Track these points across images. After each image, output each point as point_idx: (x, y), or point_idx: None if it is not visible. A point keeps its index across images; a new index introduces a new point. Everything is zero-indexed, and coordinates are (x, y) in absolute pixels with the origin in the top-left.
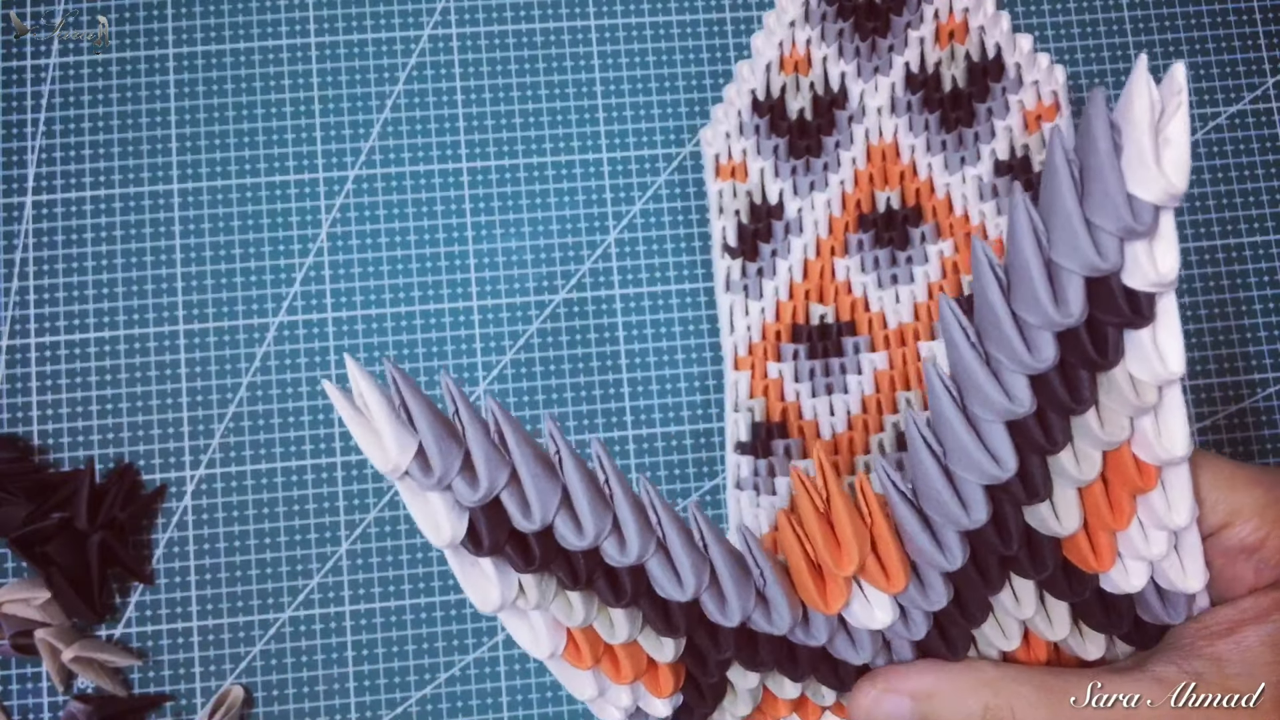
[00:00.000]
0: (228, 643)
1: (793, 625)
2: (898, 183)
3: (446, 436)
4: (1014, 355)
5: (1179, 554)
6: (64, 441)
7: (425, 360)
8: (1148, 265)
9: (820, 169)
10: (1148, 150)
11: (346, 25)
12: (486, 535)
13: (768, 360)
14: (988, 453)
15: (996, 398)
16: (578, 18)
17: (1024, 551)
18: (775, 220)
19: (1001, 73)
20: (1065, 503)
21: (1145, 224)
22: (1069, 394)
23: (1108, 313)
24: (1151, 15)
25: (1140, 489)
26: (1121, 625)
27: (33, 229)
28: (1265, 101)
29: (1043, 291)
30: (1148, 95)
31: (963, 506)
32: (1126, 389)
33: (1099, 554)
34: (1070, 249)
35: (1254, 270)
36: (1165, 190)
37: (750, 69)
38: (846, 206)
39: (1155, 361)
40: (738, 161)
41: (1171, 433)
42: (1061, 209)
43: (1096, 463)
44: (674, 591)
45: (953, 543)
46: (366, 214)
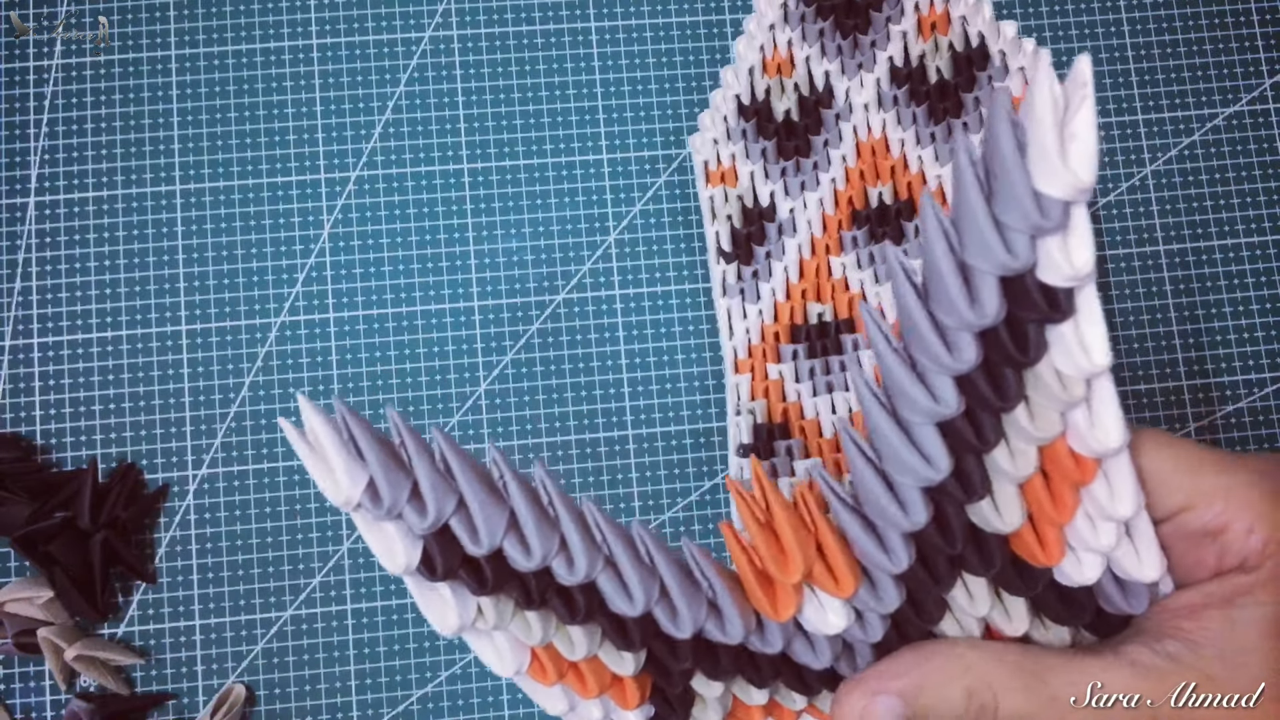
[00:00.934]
0: (230, 641)
1: (746, 634)
2: (889, 177)
3: (394, 468)
4: (935, 358)
5: (1133, 542)
6: (67, 441)
7: (426, 360)
8: (1062, 260)
9: (810, 169)
10: (1052, 146)
11: (348, 27)
12: (439, 561)
13: (767, 362)
14: (920, 455)
15: (922, 400)
16: (578, 20)
17: (970, 549)
18: (768, 222)
19: (986, 61)
20: (1006, 499)
21: (1054, 220)
22: (995, 392)
23: (1025, 310)
24: (1149, 17)
25: (1080, 482)
26: (1082, 617)
27: (35, 230)
28: (1262, 103)
29: (957, 293)
30: (1049, 91)
31: (902, 509)
32: (1053, 384)
33: (1046, 548)
34: (981, 249)
35: (1251, 271)
36: (1072, 185)
37: (734, 74)
38: (839, 204)
39: (1080, 355)
40: (727, 166)
41: (1105, 425)
42: (969, 210)
43: (1032, 458)
44: (625, 607)
45: (897, 545)
46: (368, 215)
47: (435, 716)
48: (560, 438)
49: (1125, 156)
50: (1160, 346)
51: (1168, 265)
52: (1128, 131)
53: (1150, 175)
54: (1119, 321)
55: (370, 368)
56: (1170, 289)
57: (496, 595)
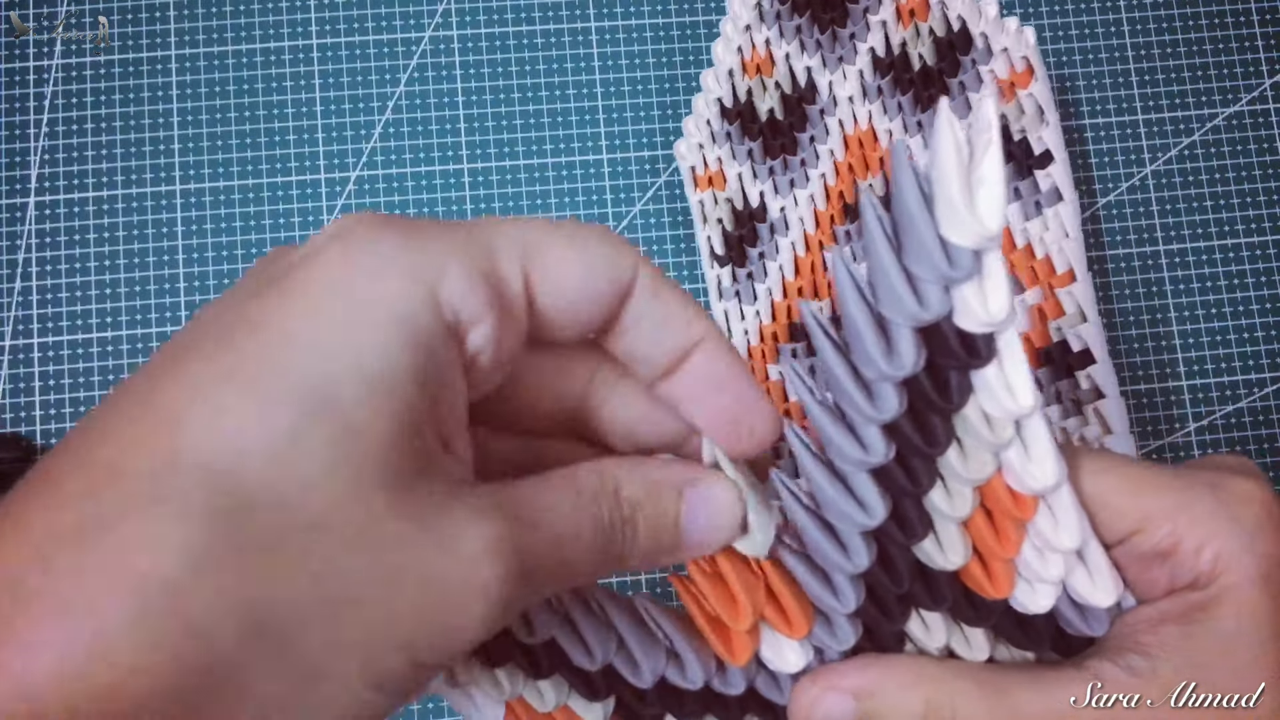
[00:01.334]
0: None
1: (707, 678)
2: (879, 168)
3: None
4: (859, 410)
5: (1086, 568)
6: None
7: None
8: (978, 307)
9: (798, 166)
10: (957, 195)
11: (348, 27)
12: None
13: (767, 363)
14: (855, 501)
15: (850, 450)
16: (578, 20)
17: (919, 586)
18: (759, 223)
19: (969, 44)
20: (949, 537)
21: (965, 269)
22: (923, 439)
23: (945, 357)
24: (1149, 17)
25: (1021, 518)
26: (1042, 643)
27: (35, 230)
28: (1262, 103)
29: (874, 346)
30: (951, 138)
31: (845, 553)
32: (981, 427)
33: (995, 581)
34: (893, 302)
35: (1251, 271)
36: (978, 233)
37: (714, 77)
38: (830, 199)
39: (1005, 397)
40: (714, 170)
41: (1039, 463)
42: (880, 263)
43: (969, 498)
44: (584, 662)
45: (845, 586)
46: None
47: (435, 716)
48: None
49: (1125, 156)
50: (1160, 346)
51: (1168, 265)
52: (1128, 131)
53: (1150, 175)
54: (1119, 321)
55: None
56: (1170, 289)
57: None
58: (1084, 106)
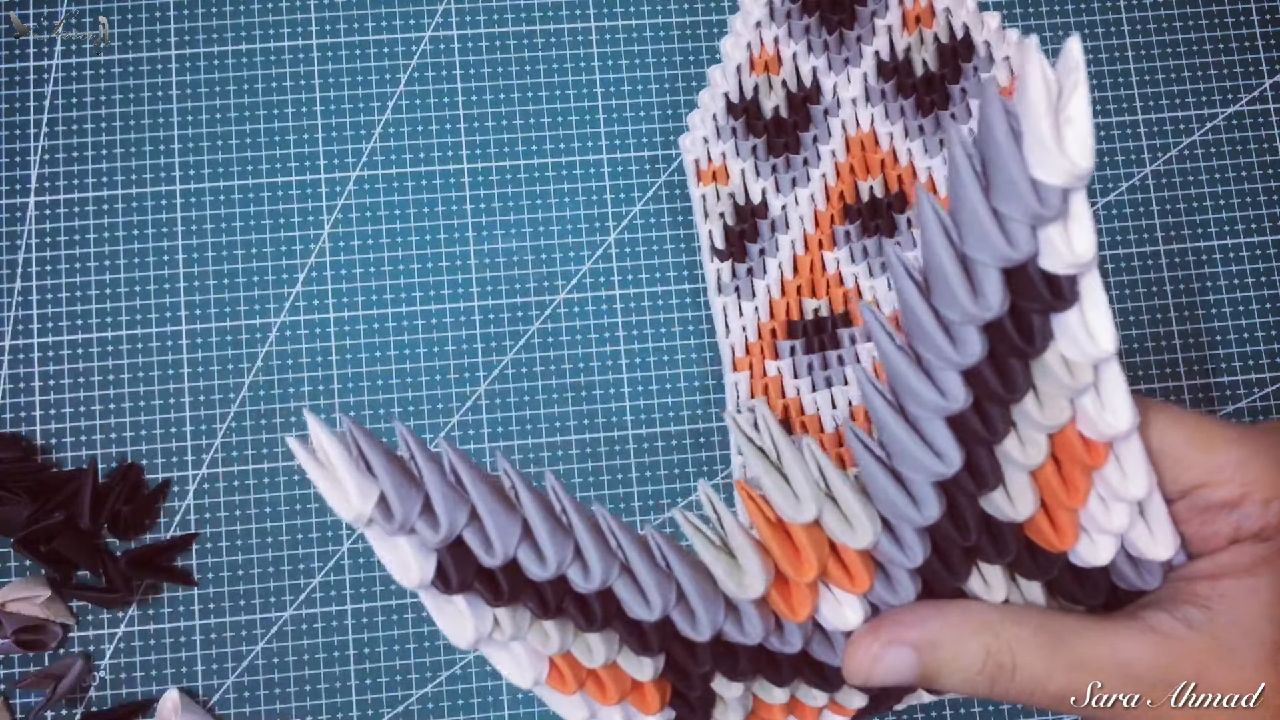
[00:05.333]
0: (230, 641)
1: (766, 635)
2: (879, 171)
3: (405, 482)
4: (940, 353)
5: (1146, 522)
6: (67, 441)
7: (426, 360)
8: (1063, 248)
9: (801, 165)
10: (1047, 133)
11: (348, 27)
12: (454, 574)
13: (765, 359)
14: (930, 450)
15: (929, 396)
16: (578, 20)
17: (985, 539)
18: (760, 219)
19: (972, 52)
20: (1018, 487)
21: (1054, 208)
22: (1002, 384)
23: (1029, 300)
24: (1149, 17)
25: (1091, 466)
26: (1097, 596)
27: (35, 230)
28: (1262, 103)
29: (959, 288)
30: (1041, 77)
31: (915, 505)
32: (1060, 372)
33: (1060, 532)
34: (981, 242)
35: (1251, 271)
36: (1069, 171)
37: (722, 73)
38: (830, 199)
39: (1086, 341)
40: (718, 165)
41: (1114, 409)
42: (967, 203)
43: (1043, 446)
44: (642, 612)
45: (911, 539)
46: (368, 215)
47: (435, 716)
48: (560, 438)
49: (1125, 156)
50: (1160, 346)
51: (1168, 265)
52: (1128, 131)
53: (1150, 175)
54: (1119, 321)
55: (370, 368)
56: (1170, 289)
57: (512, 606)
58: None
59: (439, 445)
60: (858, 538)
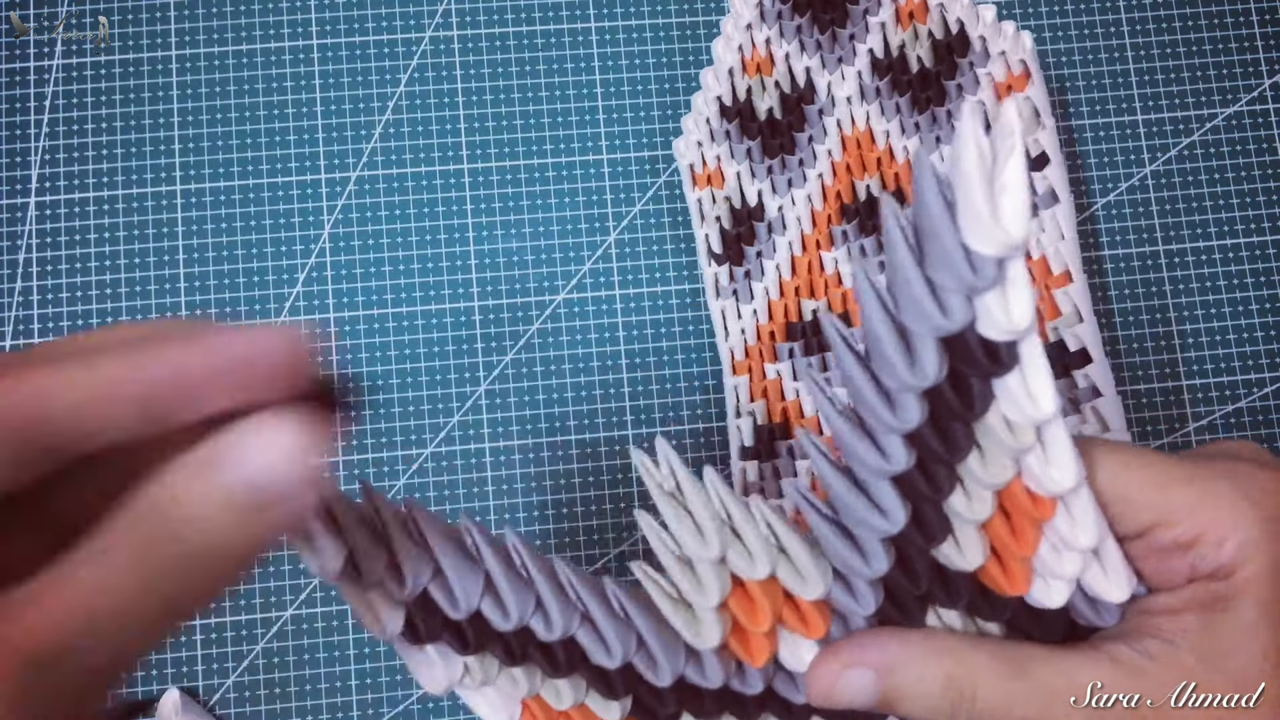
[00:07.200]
0: (230, 641)
1: (727, 678)
2: (876, 169)
3: (371, 540)
4: (880, 419)
5: (1101, 564)
6: None
7: (427, 360)
8: (1000, 315)
9: (796, 165)
10: (980, 203)
11: (348, 27)
12: (422, 626)
13: (764, 362)
14: (876, 508)
15: (872, 459)
16: (578, 20)
17: (937, 586)
18: (757, 221)
19: (967, 47)
20: (967, 539)
21: (988, 278)
22: (944, 446)
23: (968, 365)
24: (1149, 17)
25: (1039, 519)
26: (1054, 635)
27: (36, 230)
28: (1262, 103)
29: (896, 357)
30: (975, 145)
31: (864, 559)
32: (1003, 433)
33: (1011, 579)
34: (915, 311)
35: (1250, 271)
36: (1003, 241)
37: (714, 76)
38: (827, 199)
39: (1027, 404)
40: (713, 168)
41: (1059, 466)
42: (901, 272)
43: (989, 501)
44: (604, 659)
45: (864, 590)
46: (368, 215)
47: (435, 716)
48: (560, 438)
49: (1125, 156)
50: (1160, 346)
51: (1168, 265)
52: (1128, 132)
53: (1150, 175)
54: (1119, 321)
55: (370, 368)
56: (1170, 289)
57: (480, 654)
58: (1083, 107)
59: (402, 502)
60: (810, 589)
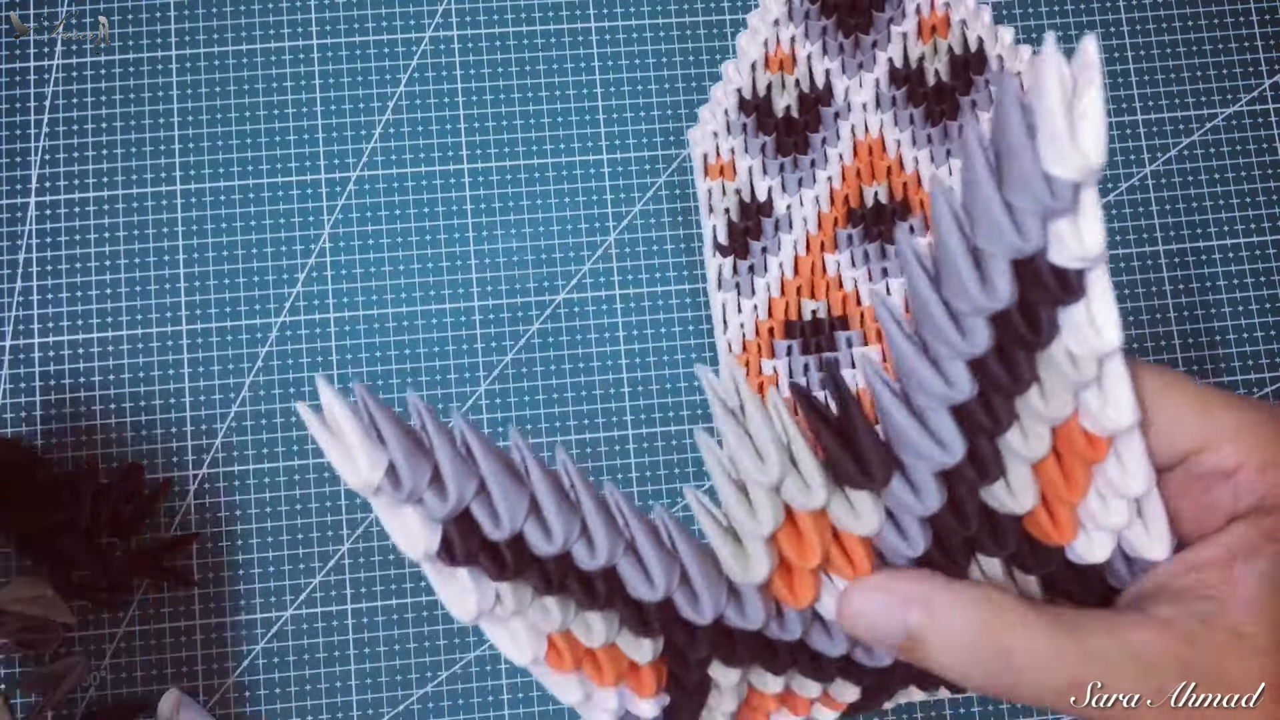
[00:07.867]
0: (230, 641)
1: (766, 620)
2: (885, 177)
3: (415, 452)
4: (948, 342)
5: (1144, 520)
6: (67, 441)
7: (427, 360)
8: (1073, 241)
9: (808, 166)
10: (1061, 127)
11: (348, 27)
12: (459, 546)
13: (762, 357)
14: (934, 439)
15: (935, 385)
16: (578, 20)
17: (985, 531)
18: (765, 217)
19: (984, 65)
20: (1019, 480)
21: (1065, 201)
22: (1008, 375)
23: (1037, 292)
24: (1149, 17)
25: (1093, 460)
26: (1092, 594)
27: (36, 230)
28: (1262, 103)
29: (969, 278)
30: (1057, 72)
31: (916, 494)
32: (1066, 365)
33: (1059, 527)
34: (992, 233)
35: (1250, 271)
36: (1082, 166)
37: (736, 69)
38: (835, 202)
39: (1091, 335)
40: (726, 160)
41: (1117, 403)
42: (980, 194)
43: (1046, 439)
44: (645, 592)
45: (913, 529)
46: (368, 215)
47: (435, 716)
48: (560, 438)
49: (1125, 156)
50: (1160, 346)
51: (1168, 265)
52: (1128, 131)
53: (1150, 175)
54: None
55: (370, 368)
56: (1170, 289)
57: (515, 581)
58: None
59: (454, 419)
60: (863, 524)
